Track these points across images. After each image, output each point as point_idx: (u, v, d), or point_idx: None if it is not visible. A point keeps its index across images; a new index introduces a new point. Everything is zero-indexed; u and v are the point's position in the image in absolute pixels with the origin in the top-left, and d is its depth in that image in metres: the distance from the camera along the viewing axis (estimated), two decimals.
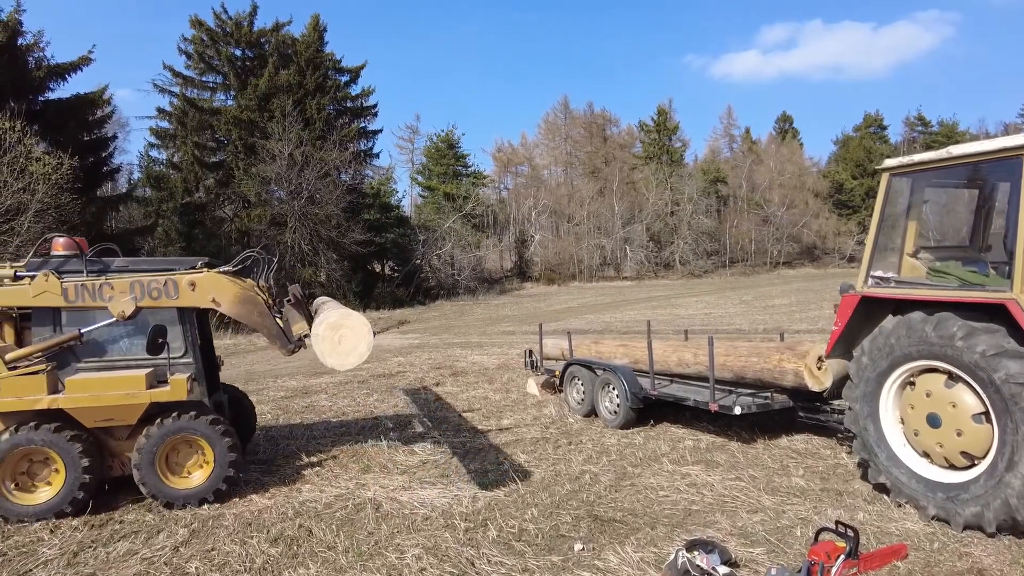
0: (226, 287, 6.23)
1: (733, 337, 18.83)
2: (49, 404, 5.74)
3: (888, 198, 5.65)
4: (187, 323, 6.48)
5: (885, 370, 5.40)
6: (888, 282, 5.60)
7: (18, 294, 5.97)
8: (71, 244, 6.37)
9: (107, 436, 6.14)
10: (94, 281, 6.05)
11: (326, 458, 7.66)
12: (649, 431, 8.27)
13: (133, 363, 6.29)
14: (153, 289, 6.10)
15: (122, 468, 6.22)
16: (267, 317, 6.35)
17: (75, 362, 6.20)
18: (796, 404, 7.38)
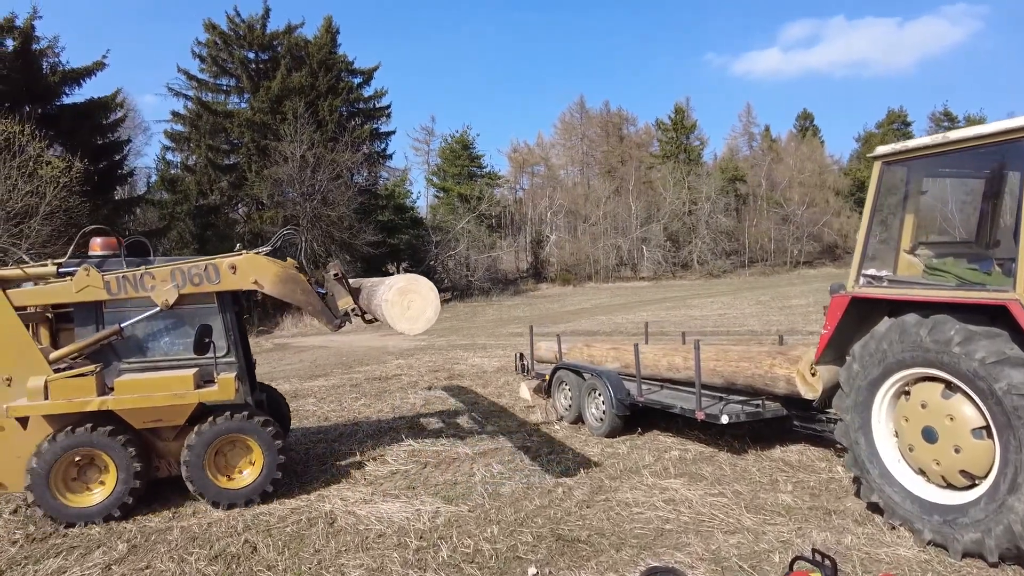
0: (267, 267, 6.14)
1: (744, 339, 18.21)
2: (99, 406, 5.62)
3: (881, 189, 5.14)
4: (229, 320, 6.38)
5: (877, 378, 4.90)
6: (881, 281, 5.10)
7: (61, 291, 5.85)
8: (108, 242, 6.31)
9: (154, 437, 6.06)
10: (135, 272, 5.93)
11: (294, 466, 7.31)
12: (635, 440, 7.80)
13: (175, 362, 6.19)
14: (194, 275, 5.99)
15: (168, 469, 6.13)
16: (310, 294, 6.27)
17: (117, 362, 6.09)
18: (790, 412, 6.87)
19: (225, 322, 6.35)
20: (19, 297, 5.85)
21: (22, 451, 5.72)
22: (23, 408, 5.57)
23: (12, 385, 5.71)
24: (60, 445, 5.62)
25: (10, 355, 5.73)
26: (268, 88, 42.77)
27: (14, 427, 5.72)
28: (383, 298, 5.33)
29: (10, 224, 23.59)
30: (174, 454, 6.08)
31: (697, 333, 22.22)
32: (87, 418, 5.71)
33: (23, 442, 5.74)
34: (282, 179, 40.42)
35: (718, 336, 20.68)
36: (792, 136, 72.29)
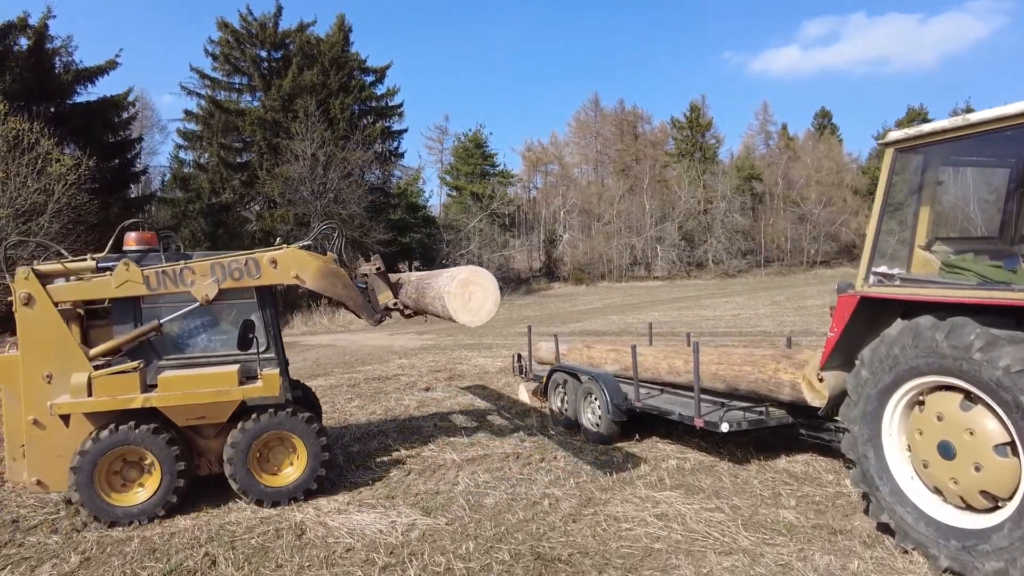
0: (308, 262, 6.06)
1: (756, 339, 17.68)
2: (143, 403, 5.51)
3: (894, 179, 4.68)
4: (269, 316, 6.29)
5: (888, 386, 4.45)
6: (893, 280, 4.64)
7: (101, 286, 5.75)
8: (144, 237, 6.24)
9: (195, 435, 5.97)
10: (174, 266, 5.84)
11: None
12: (632, 447, 7.38)
13: (214, 359, 6.08)
14: (234, 270, 5.91)
15: (209, 467, 6.03)
16: (352, 288, 6.23)
17: (157, 360, 5.96)
18: (796, 420, 6.42)
19: (265, 317, 6.25)
20: (58, 293, 5.72)
21: (62, 450, 5.60)
22: (67, 405, 5.44)
23: (52, 382, 5.59)
24: (105, 443, 5.50)
25: (51, 352, 5.62)
26: (280, 86, 42.74)
27: (55, 425, 5.61)
28: (444, 290, 5.18)
29: (19, 221, 23.62)
30: (214, 452, 5.99)
31: (709, 334, 21.73)
32: (129, 416, 5.59)
33: (63, 441, 5.62)
34: (293, 177, 40.36)
35: (730, 337, 20.15)
36: (809, 134, 71.15)
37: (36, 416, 5.59)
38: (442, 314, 5.46)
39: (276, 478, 6.00)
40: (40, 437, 5.64)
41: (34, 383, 5.60)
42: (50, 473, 5.66)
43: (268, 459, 6.03)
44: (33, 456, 5.64)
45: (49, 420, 5.56)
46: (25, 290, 5.58)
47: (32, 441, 5.63)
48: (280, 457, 6.07)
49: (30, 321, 5.62)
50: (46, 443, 5.64)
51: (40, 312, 5.62)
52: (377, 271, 6.43)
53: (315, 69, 44.07)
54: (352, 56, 47.46)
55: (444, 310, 5.31)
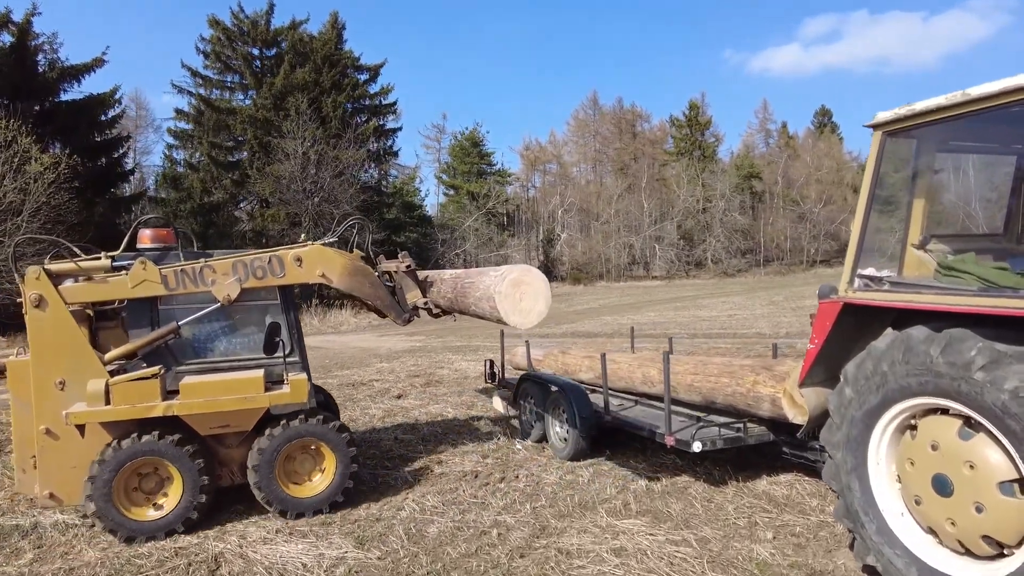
0: (334, 259, 5.84)
1: (750, 343, 17.05)
2: (164, 411, 5.19)
3: (882, 167, 4.05)
4: (293, 317, 6.00)
5: (875, 408, 3.82)
6: (882, 283, 4.01)
7: (117, 286, 5.44)
8: (159, 234, 5.96)
9: (216, 444, 5.65)
10: (194, 265, 5.54)
11: None
12: (601, 465, 6.76)
13: (236, 363, 5.77)
14: (257, 268, 5.64)
15: (231, 478, 5.72)
16: (379, 287, 6.02)
17: (175, 365, 5.64)
18: (778, 438, 5.80)
19: (288, 319, 5.98)
20: (71, 294, 5.37)
21: (77, 461, 5.26)
22: (84, 414, 5.09)
23: (66, 389, 5.25)
24: (124, 454, 5.16)
25: (64, 357, 5.28)
26: (271, 84, 42.17)
27: (69, 435, 5.26)
28: (494, 290, 4.90)
29: None
30: (236, 461, 5.69)
31: (703, 336, 21.09)
32: (148, 425, 5.24)
33: (77, 451, 5.29)
34: (284, 176, 39.80)
35: (723, 339, 19.53)
36: (809, 133, 70.52)
37: (48, 425, 5.25)
38: (488, 316, 5.14)
39: (302, 488, 5.68)
40: (53, 448, 5.29)
41: (46, 390, 5.25)
42: (64, 486, 5.32)
43: (294, 468, 5.71)
44: (45, 468, 5.30)
45: (62, 429, 5.22)
46: (36, 291, 5.23)
47: (44, 452, 5.28)
48: (307, 466, 5.75)
49: (41, 324, 5.26)
50: (59, 454, 5.30)
51: (52, 314, 5.27)
52: (407, 269, 6.14)
53: (307, 67, 43.48)
54: (345, 54, 46.87)
55: (492, 312, 4.98)
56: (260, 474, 5.49)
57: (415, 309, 6.20)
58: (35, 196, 23.74)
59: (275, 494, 5.54)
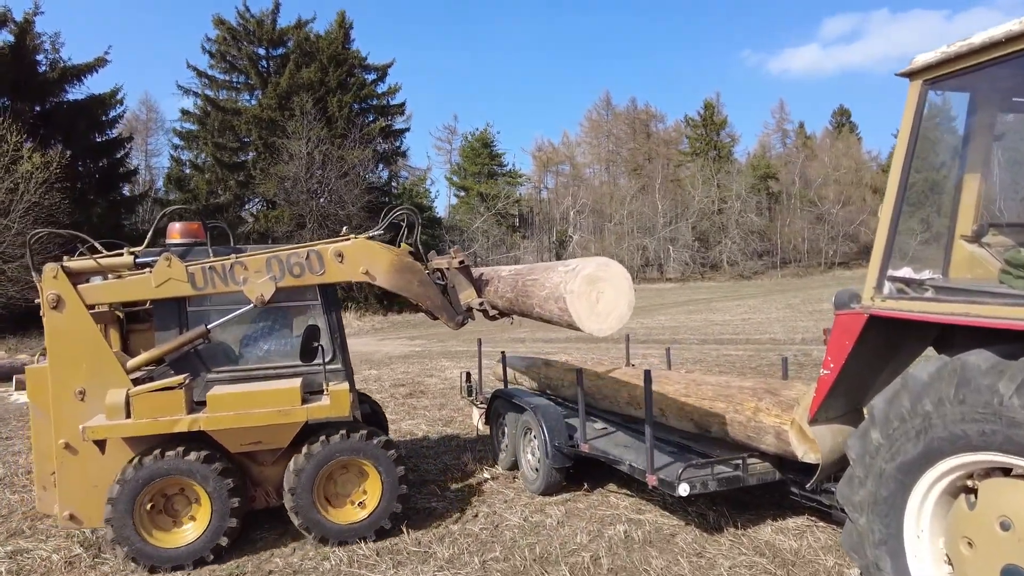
0: (380, 255, 5.23)
1: (763, 350, 15.88)
2: (190, 425, 4.68)
3: (920, 130, 2.98)
4: (334, 320, 5.45)
5: (915, 461, 2.77)
6: (921, 288, 2.95)
7: (139, 285, 4.92)
8: (189, 228, 5.47)
9: (249, 461, 5.11)
10: (223, 262, 4.97)
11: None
12: (576, 502, 5.73)
13: (271, 371, 5.22)
14: (294, 265, 5.06)
15: (266, 499, 5.17)
16: (430, 286, 5.38)
17: (204, 372, 5.10)
18: (786, 476, 4.73)
19: (329, 322, 5.42)
20: (90, 294, 4.88)
21: (97, 479, 4.76)
22: (102, 429, 4.60)
23: (86, 399, 4.78)
24: (146, 473, 4.65)
25: (84, 363, 4.80)
26: (276, 84, 41.60)
27: (89, 451, 4.76)
28: (565, 289, 4.12)
29: None
30: (271, 481, 5.14)
31: (714, 342, 19.93)
32: (172, 440, 4.73)
33: (99, 469, 4.78)
34: (288, 177, 39.19)
35: (736, 344, 18.38)
36: (827, 133, 68.79)
37: (67, 439, 4.74)
38: (558, 320, 4.34)
39: (344, 513, 5.09)
40: (72, 464, 4.78)
41: (65, 400, 4.76)
42: (84, 506, 4.79)
43: (336, 490, 5.13)
44: (65, 486, 4.79)
45: (82, 444, 4.73)
46: (54, 291, 4.75)
47: (64, 468, 4.78)
48: (348, 488, 5.15)
49: (60, 327, 4.78)
50: (79, 471, 4.79)
51: (71, 316, 4.78)
52: (460, 265, 5.49)
53: (313, 67, 42.86)
54: (352, 53, 46.22)
55: (563, 314, 4.19)
56: (297, 498, 4.91)
57: (469, 311, 5.56)
58: (25, 195, 23.16)
59: (314, 520, 4.95)
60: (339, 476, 5.12)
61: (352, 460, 5.04)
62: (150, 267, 4.93)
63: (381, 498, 5.06)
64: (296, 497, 4.90)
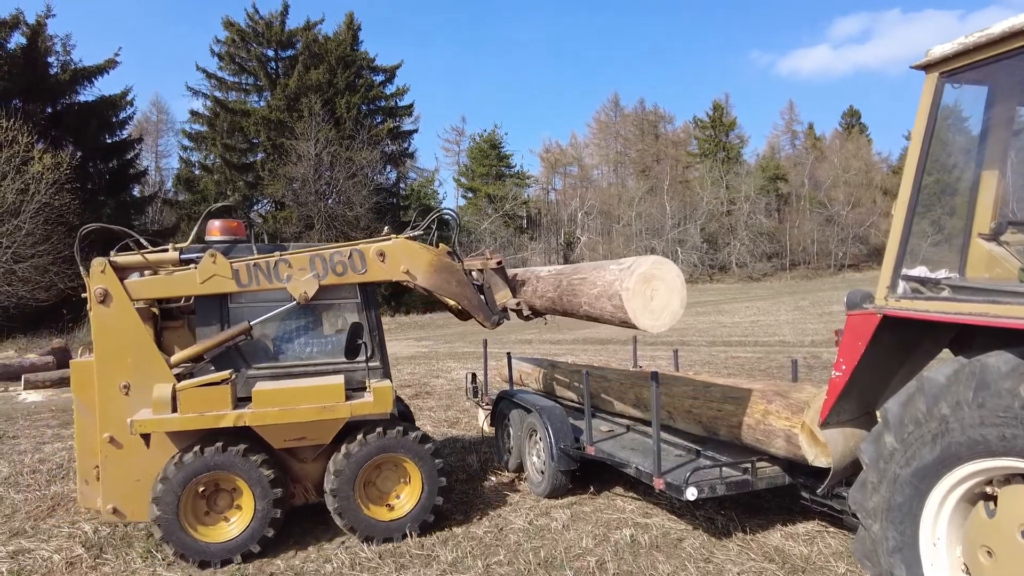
0: (420, 255, 5.32)
1: (772, 352, 15.73)
2: (235, 421, 4.69)
3: (936, 124, 2.89)
4: (374, 318, 5.49)
5: (931, 466, 2.68)
6: (938, 288, 2.86)
7: (185, 281, 4.96)
8: (229, 225, 5.57)
9: (290, 458, 5.14)
10: (268, 259, 5.03)
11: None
12: (582, 505, 5.64)
13: (312, 368, 5.27)
14: (337, 263, 5.15)
15: (305, 496, 5.20)
16: (467, 286, 5.48)
17: (245, 368, 5.12)
18: (796, 480, 4.63)
19: (369, 319, 5.46)
20: (137, 289, 4.92)
21: (141, 474, 4.81)
22: (150, 423, 4.62)
23: (131, 393, 4.82)
24: (193, 467, 4.66)
25: (129, 358, 4.85)
26: (285, 85, 41.75)
27: (134, 445, 4.81)
28: (622, 287, 4.17)
29: None
30: (311, 478, 5.18)
31: (722, 344, 19.78)
32: (216, 435, 4.74)
33: (142, 463, 4.82)
34: (296, 178, 39.31)
35: (744, 347, 18.24)
36: (837, 134, 68.33)
37: (112, 433, 4.79)
38: (609, 318, 4.41)
39: (384, 510, 5.11)
40: (117, 458, 4.83)
41: (110, 395, 4.81)
42: (127, 500, 4.84)
43: (375, 487, 5.15)
44: (109, 480, 4.82)
45: (126, 438, 4.76)
46: (101, 285, 4.80)
47: (108, 462, 4.82)
48: (388, 485, 5.18)
49: (106, 322, 4.83)
50: (123, 465, 4.84)
51: (117, 311, 4.84)
52: (496, 266, 5.60)
53: (321, 68, 42.99)
54: (360, 55, 46.35)
55: (616, 313, 4.27)
56: (339, 495, 4.92)
57: (504, 311, 5.66)
58: (36, 196, 23.31)
59: (356, 517, 4.96)
60: (378, 474, 5.15)
61: (392, 456, 5.08)
62: (195, 263, 4.97)
63: (422, 495, 5.09)
64: (338, 495, 4.91)
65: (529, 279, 5.67)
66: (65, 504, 6.17)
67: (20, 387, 14.26)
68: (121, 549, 5.05)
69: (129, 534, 5.32)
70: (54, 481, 6.93)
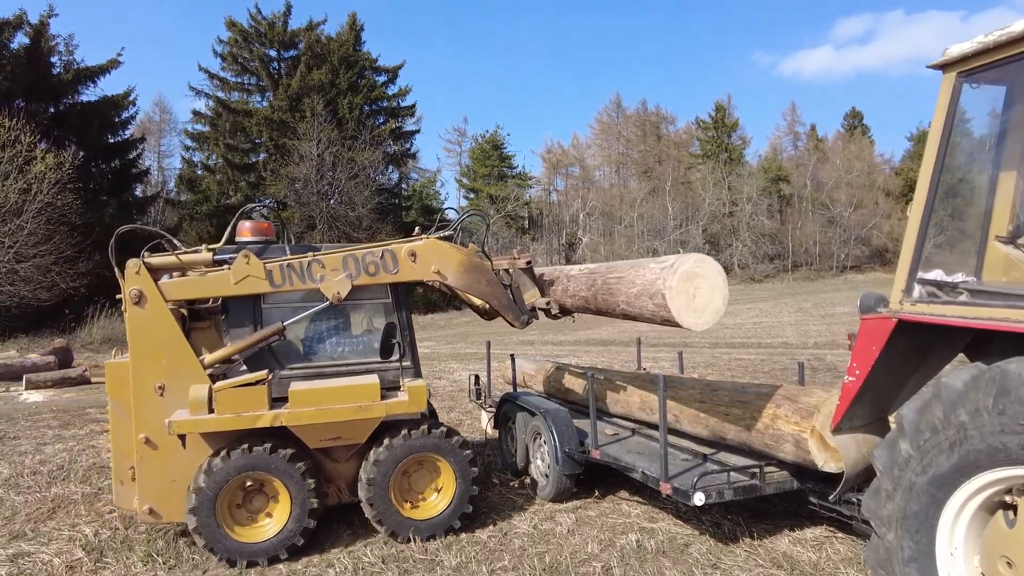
0: (450, 255, 5.35)
1: (776, 354, 15.66)
2: (272, 421, 4.70)
3: (953, 126, 2.84)
4: (405, 318, 5.50)
5: (948, 475, 2.62)
6: (955, 292, 2.81)
7: (219, 282, 4.97)
8: (259, 226, 5.61)
9: (325, 458, 5.16)
10: (301, 259, 5.05)
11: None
12: (587, 509, 5.59)
13: (343, 368, 5.28)
14: (369, 264, 5.18)
15: (338, 496, 5.22)
16: (496, 286, 5.51)
17: (278, 369, 5.12)
18: (805, 486, 4.57)
19: (400, 319, 5.50)
20: (171, 290, 4.93)
21: (176, 474, 4.84)
22: (188, 423, 4.64)
23: (165, 394, 4.84)
24: (229, 468, 4.68)
25: (164, 359, 4.87)
26: (287, 85, 41.76)
27: (169, 446, 4.82)
28: (665, 285, 4.21)
29: None
30: (344, 478, 5.22)
31: (725, 346, 19.73)
32: (251, 435, 4.76)
33: (178, 463, 4.84)
34: (298, 178, 39.32)
35: (747, 348, 18.18)
36: (840, 135, 68.21)
37: (148, 434, 4.80)
38: (650, 316, 4.44)
39: (418, 509, 5.15)
40: (152, 459, 4.83)
41: (145, 396, 4.82)
42: (163, 501, 4.85)
43: (408, 486, 5.19)
44: (144, 480, 4.83)
45: (162, 439, 4.78)
46: (136, 286, 4.82)
47: (143, 463, 4.83)
48: (421, 483, 5.22)
49: (141, 323, 4.84)
50: (159, 465, 4.84)
51: (152, 312, 4.85)
52: (526, 265, 5.68)
53: (324, 68, 43.00)
54: (363, 55, 46.37)
55: (658, 311, 4.30)
56: (374, 494, 4.94)
57: (533, 310, 5.76)
58: (39, 196, 23.28)
59: (389, 516, 4.99)
60: (412, 473, 5.17)
61: (426, 456, 5.09)
62: (228, 264, 4.96)
63: (455, 494, 5.11)
64: (373, 493, 4.93)
65: (559, 278, 5.73)
66: (66, 506, 6.12)
67: (22, 387, 14.23)
68: (122, 553, 5.00)
69: (130, 537, 5.27)
70: (55, 483, 6.88)
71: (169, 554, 4.94)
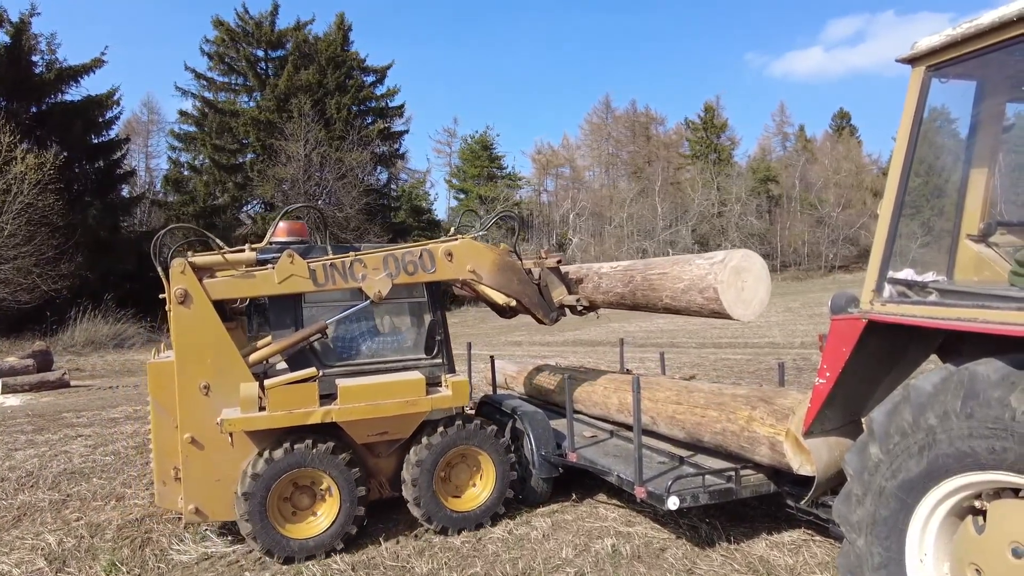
0: (484, 254, 5.50)
1: (762, 354, 15.65)
2: (323, 417, 4.77)
3: (922, 122, 2.77)
4: (440, 315, 5.62)
5: (918, 479, 2.55)
6: (925, 292, 2.74)
7: (263, 282, 5.01)
8: (294, 227, 5.68)
9: (369, 454, 5.27)
10: (343, 259, 5.11)
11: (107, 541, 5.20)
12: (564, 513, 5.50)
13: (383, 365, 5.36)
14: (408, 263, 5.28)
15: (380, 490, 5.33)
16: (528, 284, 5.71)
17: (320, 367, 5.12)
18: (782, 489, 4.51)
19: (436, 317, 5.63)
20: (215, 289, 4.92)
21: (221, 473, 4.84)
22: (240, 421, 4.65)
23: (211, 394, 4.84)
24: (280, 465, 4.70)
25: (209, 358, 4.87)
26: (274, 86, 41.47)
27: (214, 445, 4.81)
28: (716, 279, 4.39)
29: None
30: (386, 472, 5.35)
31: (712, 346, 19.71)
32: (297, 433, 4.78)
33: (223, 463, 4.84)
34: (286, 179, 39.06)
35: (734, 349, 18.17)
36: (828, 136, 68.60)
37: (193, 434, 4.79)
38: (699, 310, 4.64)
39: (460, 501, 5.31)
40: (197, 458, 4.82)
41: (190, 395, 4.81)
42: (209, 500, 4.84)
43: (449, 479, 5.35)
44: (190, 480, 4.82)
45: (207, 438, 4.79)
46: (181, 286, 4.82)
47: (189, 463, 4.81)
48: (462, 477, 5.39)
49: (186, 322, 4.84)
50: (204, 465, 4.84)
51: (197, 312, 4.85)
52: (559, 262, 5.91)
53: (311, 68, 42.75)
54: (351, 55, 46.12)
55: (708, 304, 4.51)
56: (419, 488, 5.07)
57: (561, 308, 5.97)
58: (19, 197, 22.97)
59: (434, 509, 5.11)
60: (453, 466, 5.30)
61: (468, 449, 5.23)
62: (271, 264, 4.99)
63: (495, 486, 5.25)
64: (418, 487, 5.03)
65: (589, 276, 5.90)
66: (32, 514, 5.97)
67: None
68: (85, 562, 4.87)
69: (95, 546, 5.14)
70: (22, 490, 6.72)
71: (134, 563, 4.82)
